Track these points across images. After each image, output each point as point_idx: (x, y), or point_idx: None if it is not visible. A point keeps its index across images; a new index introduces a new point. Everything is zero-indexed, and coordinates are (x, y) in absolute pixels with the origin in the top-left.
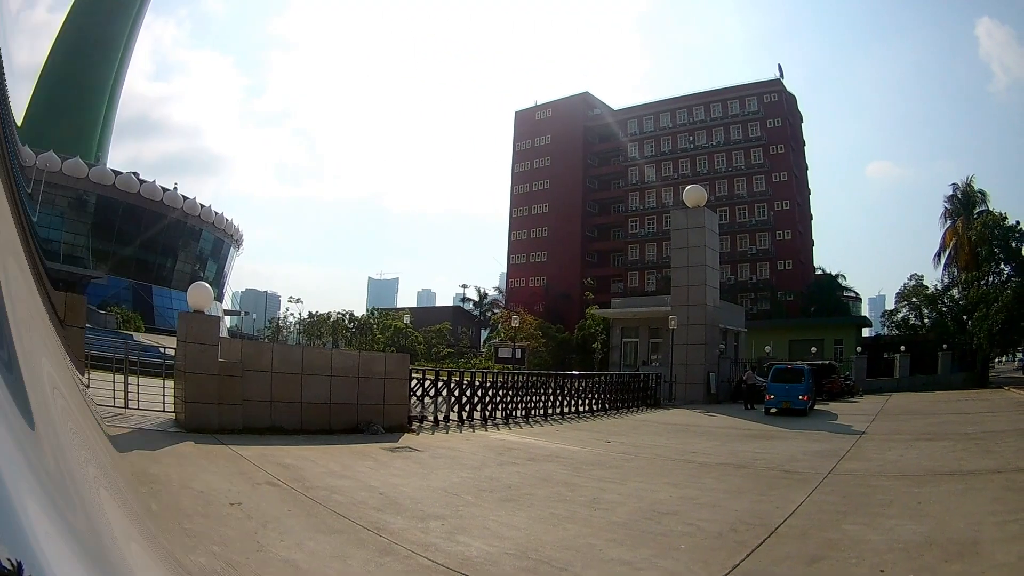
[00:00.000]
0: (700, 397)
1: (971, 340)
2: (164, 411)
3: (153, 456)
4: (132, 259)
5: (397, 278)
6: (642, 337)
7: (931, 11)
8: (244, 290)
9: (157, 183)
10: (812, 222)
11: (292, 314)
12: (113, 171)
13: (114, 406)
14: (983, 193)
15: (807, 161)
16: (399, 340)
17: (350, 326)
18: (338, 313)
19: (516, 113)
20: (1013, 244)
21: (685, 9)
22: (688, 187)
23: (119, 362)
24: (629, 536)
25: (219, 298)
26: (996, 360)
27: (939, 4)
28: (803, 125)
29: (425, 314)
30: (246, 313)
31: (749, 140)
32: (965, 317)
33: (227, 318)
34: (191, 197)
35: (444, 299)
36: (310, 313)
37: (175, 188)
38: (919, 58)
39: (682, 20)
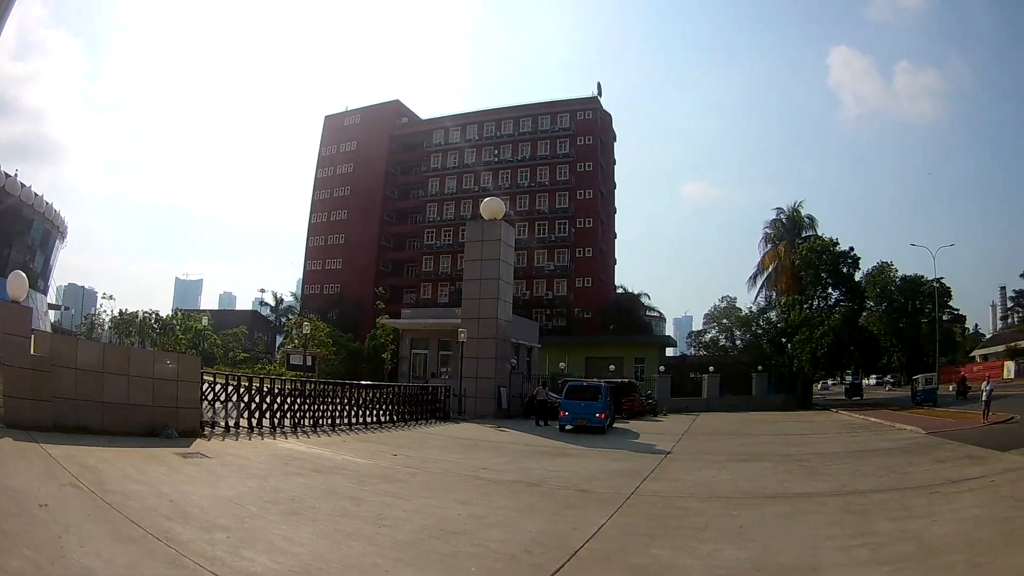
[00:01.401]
0: (491, 412)
1: (791, 362)
2: None
3: None
4: None
5: (202, 279)
6: (432, 349)
7: (780, 38)
8: (67, 284)
9: (1, 169)
10: (616, 240)
11: (105, 311)
12: None
13: None
14: (811, 218)
15: (616, 180)
16: (200, 342)
17: (155, 326)
18: (145, 312)
19: (326, 118)
20: (845, 269)
21: (512, 23)
22: (486, 199)
23: None
24: (416, 556)
25: (44, 291)
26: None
27: (789, 31)
28: (617, 144)
29: (225, 317)
30: (66, 308)
31: (557, 156)
32: (784, 340)
33: (51, 312)
34: (28, 185)
35: (245, 303)
36: (121, 311)
37: (15, 175)
38: (760, 83)
39: (508, 33)
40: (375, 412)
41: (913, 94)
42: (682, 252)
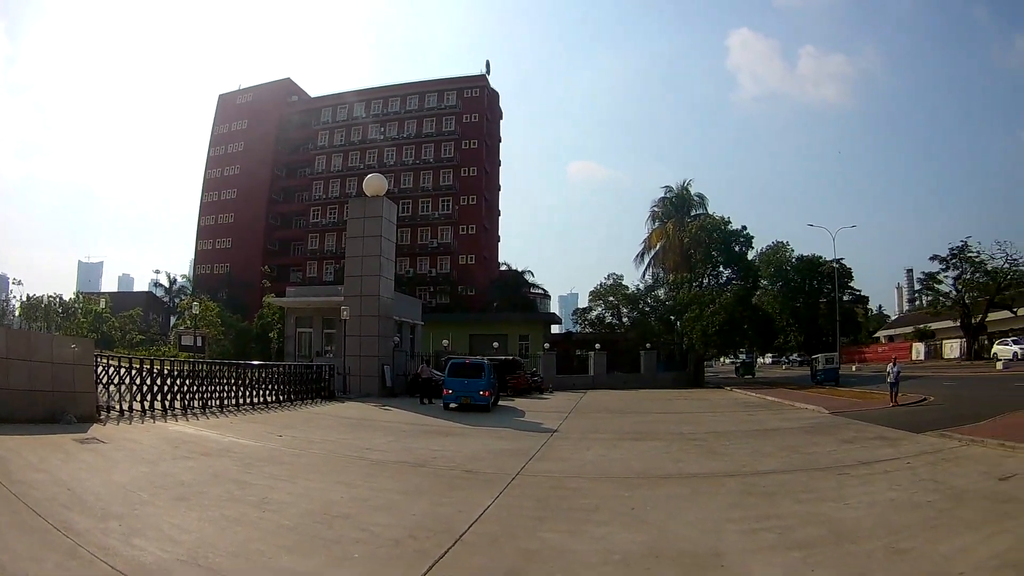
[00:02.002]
0: (375, 390)
1: (681, 340)
2: None
3: None
4: None
5: (102, 262)
6: (316, 327)
7: (680, 19)
8: None
9: None
10: (500, 218)
11: (16, 297)
12: None
13: None
14: (701, 197)
15: (501, 158)
16: (99, 325)
17: (59, 310)
18: (50, 296)
19: (220, 96)
20: (737, 248)
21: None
22: (368, 176)
23: None
24: (300, 542)
25: None
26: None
27: (690, 12)
28: (504, 122)
29: (123, 299)
30: None
31: (442, 134)
32: (673, 317)
33: None
34: None
35: (143, 284)
36: (28, 296)
37: None
38: (656, 63)
39: (402, 10)
40: (262, 392)
41: (818, 78)
42: (569, 230)
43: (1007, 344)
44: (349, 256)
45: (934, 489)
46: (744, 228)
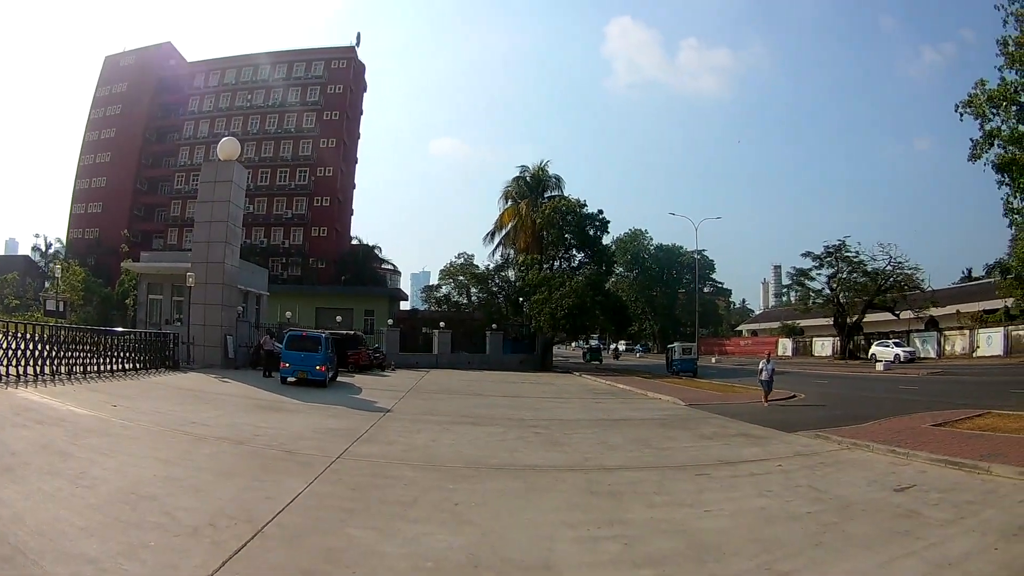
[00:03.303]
0: (218, 361)
1: (529, 322)
2: None
3: None
4: None
5: None
6: (166, 294)
7: (556, 7)
8: None
9: None
10: (356, 191)
11: None
12: None
13: None
14: (558, 178)
15: (361, 131)
16: None
17: None
18: None
19: (106, 58)
20: (592, 232)
21: None
22: (223, 139)
23: None
24: (103, 524)
25: None
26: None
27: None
28: (369, 95)
29: (4, 263)
30: None
31: (306, 104)
32: (521, 299)
33: None
34: None
35: (28, 248)
36: None
37: None
38: (532, 46)
39: None
40: (109, 360)
41: (695, 70)
42: (427, 208)
43: (888, 346)
44: (198, 221)
45: (815, 498)
46: (600, 212)
